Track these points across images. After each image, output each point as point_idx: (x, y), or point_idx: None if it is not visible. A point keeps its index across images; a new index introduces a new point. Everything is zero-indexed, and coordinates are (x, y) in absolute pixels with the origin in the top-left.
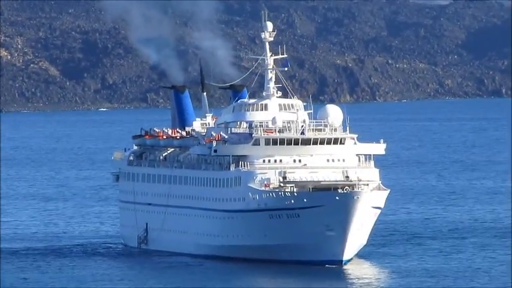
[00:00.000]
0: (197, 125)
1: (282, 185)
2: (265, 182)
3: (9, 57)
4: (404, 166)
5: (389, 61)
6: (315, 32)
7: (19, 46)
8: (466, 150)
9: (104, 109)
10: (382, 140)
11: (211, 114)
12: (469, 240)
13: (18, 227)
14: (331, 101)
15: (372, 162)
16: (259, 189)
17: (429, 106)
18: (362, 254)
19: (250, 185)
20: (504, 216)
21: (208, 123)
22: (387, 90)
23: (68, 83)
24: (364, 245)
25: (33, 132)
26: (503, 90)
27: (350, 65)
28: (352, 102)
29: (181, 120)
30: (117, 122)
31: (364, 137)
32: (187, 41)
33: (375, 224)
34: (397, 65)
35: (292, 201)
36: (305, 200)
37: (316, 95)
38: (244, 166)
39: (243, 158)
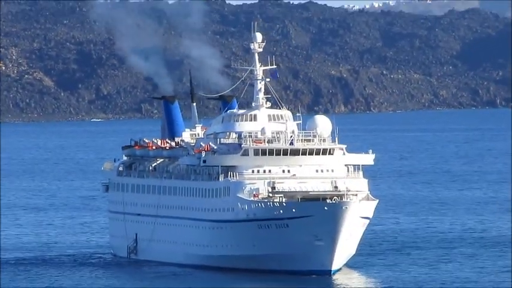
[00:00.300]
0: (187, 136)
1: (270, 195)
2: (254, 192)
3: (3, 68)
4: (396, 176)
5: (384, 72)
6: (310, 42)
7: (14, 57)
8: (458, 161)
9: (99, 120)
10: (370, 151)
11: (200, 125)
12: (458, 250)
13: (8, 237)
14: (326, 112)
15: (361, 173)
16: (248, 199)
17: (423, 117)
18: (351, 264)
19: (239, 195)
20: (493, 226)
21: (198, 134)
22: (382, 100)
23: (62, 94)
24: (353, 255)
25: (27, 143)
26: (498, 101)
27: (345, 75)
28: (346, 112)
29: (171, 131)
30: (111, 132)
31: (358, 148)
32: (182, 51)
33: (363, 234)
34: (392, 76)
35: (281, 211)
36: (294, 210)
37: (311, 106)
38: (233, 176)
39: (232, 168)
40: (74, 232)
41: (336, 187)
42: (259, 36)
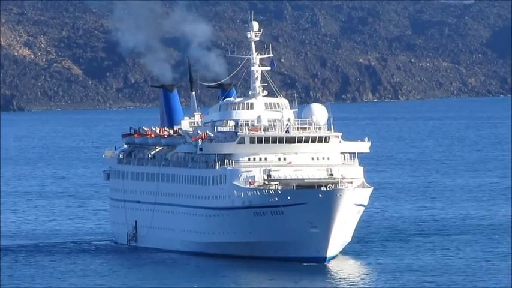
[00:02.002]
0: (186, 124)
1: (266, 182)
2: (250, 180)
3: (32, 56)
4: (408, 164)
5: (413, 60)
6: (339, 31)
7: (42, 45)
8: (474, 148)
9: (126, 108)
10: (366, 138)
11: (199, 113)
12: (455, 237)
13: (12, 224)
14: (354, 100)
15: (356, 160)
16: (244, 187)
17: (451, 105)
18: (347, 251)
19: (235, 182)
20: (492, 214)
21: (197, 122)
22: (410, 88)
23: (90, 82)
24: (349, 242)
25: (51, 131)
26: None
27: (373, 63)
28: (374, 101)
29: (170, 119)
30: (138, 120)
31: (381, 136)
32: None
33: (360, 221)
34: (421, 64)
35: (276, 198)
36: (289, 198)
37: (339, 94)
38: (229, 164)
39: (229, 156)
40: (79, 219)
41: (331, 174)
42: (255, 25)
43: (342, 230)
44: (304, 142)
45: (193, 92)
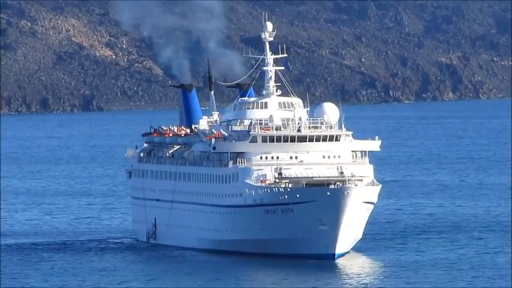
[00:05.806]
0: (204, 123)
1: (277, 180)
2: (261, 178)
3: (113, 56)
4: (447, 163)
5: (495, 58)
6: (423, 30)
7: (124, 46)
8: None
9: (204, 108)
10: (377, 137)
11: (217, 112)
12: (466, 234)
13: (34, 222)
14: (434, 99)
15: (367, 159)
16: (256, 185)
17: None
18: (359, 248)
19: (247, 181)
20: (504, 212)
21: (215, 121)
22: (491, 87)
23: (170, 82)
24: (360, 239)
25: (119, 131)
26: None
27: (454, 62)
28: (455, 99)
29: (188, 118)
30: None
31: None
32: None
33: (370, 218)
34: (503, 63)
35: (286, 196)
36: (298, 196)
37: (419, 93)
38: (242, 163)
39: (241, 154)
40: (100, 218)
41: (341, 173)
42: (269, 25)
43: (351, 227)
44: (316, 141)
45: (212, 92)
